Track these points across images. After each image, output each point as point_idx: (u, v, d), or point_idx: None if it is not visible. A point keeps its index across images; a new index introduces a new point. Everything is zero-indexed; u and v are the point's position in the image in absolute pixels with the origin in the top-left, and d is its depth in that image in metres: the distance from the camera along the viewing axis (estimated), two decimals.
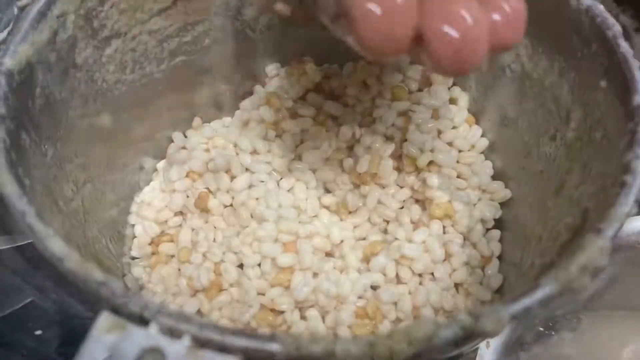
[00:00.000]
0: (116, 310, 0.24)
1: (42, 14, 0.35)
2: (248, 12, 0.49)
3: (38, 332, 0.49)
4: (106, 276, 0.24)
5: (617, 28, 0.35)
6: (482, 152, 0.48)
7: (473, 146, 0.47)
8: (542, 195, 0.40)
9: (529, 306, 0.25)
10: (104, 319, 0.23)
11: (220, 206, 0.44)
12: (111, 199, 0.44)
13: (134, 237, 0.46)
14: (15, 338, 0.49)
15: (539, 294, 0.25)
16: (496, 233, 0.45)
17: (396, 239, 0.42)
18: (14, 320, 0.49)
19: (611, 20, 0.36)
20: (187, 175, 0.46)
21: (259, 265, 0.40)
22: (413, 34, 0.24)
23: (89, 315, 0.48)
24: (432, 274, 0.41)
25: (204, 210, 0.45)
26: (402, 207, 0.46)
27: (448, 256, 0.41)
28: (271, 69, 0.53)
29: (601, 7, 0.37)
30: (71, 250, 0.26)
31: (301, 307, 0.40)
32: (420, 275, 0.41)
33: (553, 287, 0.25)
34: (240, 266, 0.41)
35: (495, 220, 0.45)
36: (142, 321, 0.23)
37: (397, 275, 0.40)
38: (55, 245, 0.26)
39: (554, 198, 0.39)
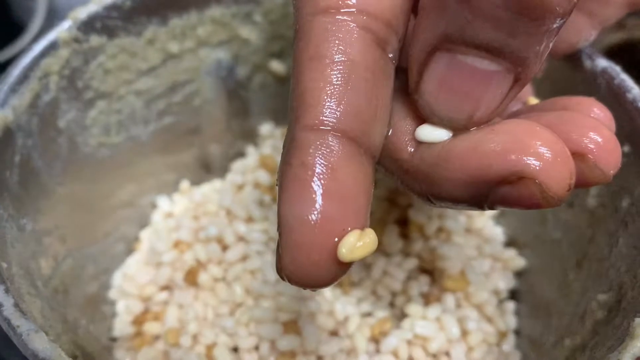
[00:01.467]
0: None
1: (25, 76, 0.32)
2: (241, 72, 0.47)
3: None
4: None
5: (637, 91, 0.34)
6: (491, 218, 0.45)
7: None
8: (562, 266, 0.38)
9: None
10: None
11: (212, 280, 0.40)
12: (91, 272, 0.40)
13: (115, 315, 0.42)
14: None
15: None
16: (511, 305, 0.42)
17: (405, 315, 0.38)
18: None
19: (629, 82, 0.34)
20: (174, 246, 0.42)
21: (256, 348, 0.36)
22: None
23: None
24: (447, 353, 0.38)
25: (193, 285, 0.41)
26: (408, 277, 0.43)
27: (463, 333, 0.38)
28: (265, 129, 0.50)
29: (618, 68, 0.35)
30: (55, 348, 0.22)
31: None
32: (434, 355, 0.38)
33: None
34: (235, 349, 0.37)
35: (509, 291, 0.42)
36: None
37: (409, 357, 0.37)
38: (38, 343, 0.22)
39: (577, 270, 0.36)
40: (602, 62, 0.35)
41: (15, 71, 0.32)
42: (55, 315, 0.32)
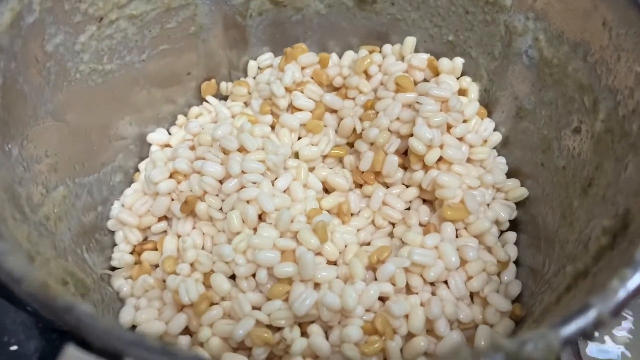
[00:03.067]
0: (84, 343, 0.19)
1: None
2: None
3: (14, 348, 0.44)
4: (71, 301, 0.20)
5: None
6: (494, 147, 0.44)
7: (485, 141, 0.43)
8: (567, 194, 0.37)
9: (582, 328, 0.21)
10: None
11: (209, 210, 0.40)
12: (87, 202, 0.40)
13: (114, 245, 0.42)
14: None
15: (592, 314, 0.21)
16: (512, 235, 0.41)
17: (405, 243, 0.38)
18: None
19: None
20: (171, 176, 0.41)
21: (253, 276, 0.36)
22: None
23: None
24: (446, 282, 0.37)
25: (191, 215, 0.40)
26: (408, 208, 0.42)
27: (462, 262, 0.37)
28: (263, 59, 0.48)
29: None
30: (31, 269, 0.21)
31: (301, 323, 0.35)
32: (432, 284, 0.37)
33: (609, 304, 0.21)
34: (233, 277, 0.37)
35: (509, 221, 0.42)
36: (114, 357, 0.19)
37: (407, 285, 0.36)
38: (13, 264, 0.21)
39: (582, 197, 0.35)
40: None
41: None
42: (45, 242, 0.31)
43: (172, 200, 0.41)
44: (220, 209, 0.40)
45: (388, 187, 0.42)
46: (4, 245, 0.22)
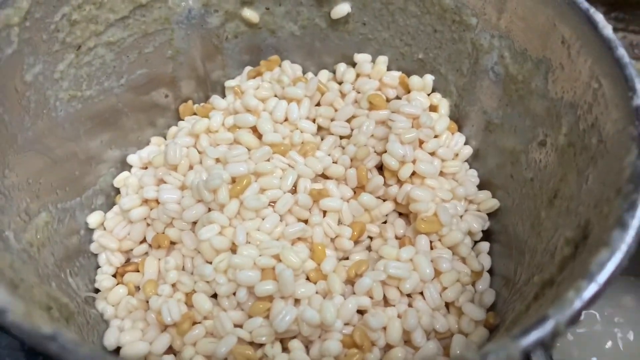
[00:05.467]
0: None
1: None
2: (213, 21, 0.46)
3: None
4: (54, 329, 0.21)
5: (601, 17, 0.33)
6: (466, 161, 0.45)
7: (457, 154, 0.45)
8: (535, 205, 0.38)
9: (541, 339, 0.22)
10: None
11: (181, 236, 0.40)
12: (70, 227, 0.41)
13: (98, 267, 0.42)
14: None
15: (549, 325, 0.22)
16: (485, 245, 0.42)
17: (381, 257, 0.39)
18: None
19: (599, 14, 0.34)
20: (144, 203, 0.42)
21: (234, 294, 0.37)
22: None
23: None
24: (422, 293, 0.38)
25: (164, 247, 0.41)
26: (384, 222, 0.43)
27: (437, 273, 0.38)
28: (239, 80, 0.50)
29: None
30: (15, 300, 0.22)
31: (283, 339, 0.36)
32: (409, 295, 0.38)
33: (565, 314, 0.23)
34: (214, 296, 0.38)
35: (482, 231, 0.43)
36: None
37: (384, 297, 0.38)
38: None
39: (548, 208, 0.36)
40: None
41: None
42: (28, 268, 0.32)
43: (148, 225, 0.42)
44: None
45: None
46: None
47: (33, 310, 0.21)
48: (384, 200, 0.43)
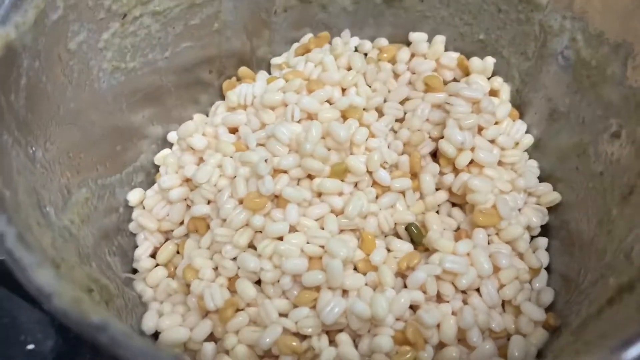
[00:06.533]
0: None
1: None
2: None
3: (30, 347, 0.43)
4: (105, 318, 0.19)
5: None
6: (526, 150, 0.43)
7: (517, 143, 0.42)
8: (604, 201, 0.35)
9: None
10: None
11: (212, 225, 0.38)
12: (109, 204, 0.39)
13: (136, 247, 0.41)
14: (2, 354, 0.43)
15: None
16: (543, 241, 0.40)
17: (436, 250, 0.36)
18: (1, 334, 0.43)
19: None
20: (184, 182, 0.41)
21: (279, 280, 0.35)
22: None
23: None
24: (477, 290, 0.36)
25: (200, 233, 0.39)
26: (437, 212, 0.41)
27: (495, 270, 0.36)
28: (285, 56, 0.47)
29: None
30: (63, 283, 0.20)
31: (329, 331, 0.34)
32: (464, 292, 0.36)
33: None
34: (257, 282, 0.36)
35: (540, 226, 0.40)
36: None
37: (437, 292, 0.35)
38: (43, 277, 0.20)
39: (622, 205, 0.33)
40: None
41: None
42: (69, 247, 0.30)
43: (189, 206, 0.40)
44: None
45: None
46: (32, 257, 0.21)
47: (82, 297, 0.20)
48: (438, 189, 0.41)
